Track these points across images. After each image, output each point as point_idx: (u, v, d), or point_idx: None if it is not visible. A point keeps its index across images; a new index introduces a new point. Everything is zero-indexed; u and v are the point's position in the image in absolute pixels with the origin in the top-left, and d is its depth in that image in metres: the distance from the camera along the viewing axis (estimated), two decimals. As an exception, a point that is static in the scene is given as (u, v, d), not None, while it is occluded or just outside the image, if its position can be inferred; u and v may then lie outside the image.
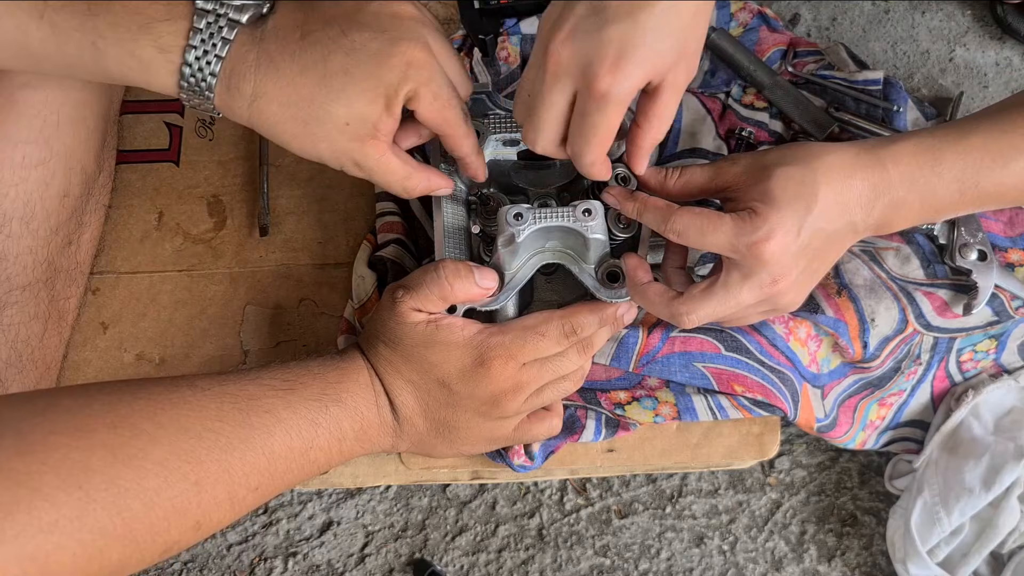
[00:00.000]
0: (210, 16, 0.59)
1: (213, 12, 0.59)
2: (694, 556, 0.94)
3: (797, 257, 0.60)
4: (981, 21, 0.95)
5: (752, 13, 0.87)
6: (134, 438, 0.54)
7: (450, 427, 0.67)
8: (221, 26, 0.59)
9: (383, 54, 0.59)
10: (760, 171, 0.62)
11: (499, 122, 0.72)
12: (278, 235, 0.85)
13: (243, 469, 0.58)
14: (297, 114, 0.60)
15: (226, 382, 0.60)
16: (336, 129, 0.60)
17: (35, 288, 0.75)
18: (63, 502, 0.50)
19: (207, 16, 0.59)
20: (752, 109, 0.83)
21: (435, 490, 0.97)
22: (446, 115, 0.62)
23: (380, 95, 0.59)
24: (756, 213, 0.59)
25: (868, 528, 0.94)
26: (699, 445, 0.80)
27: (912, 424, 0.86)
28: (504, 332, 0.66)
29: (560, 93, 0.58)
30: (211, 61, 0.59)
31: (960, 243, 0.77)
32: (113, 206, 0.85)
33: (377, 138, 0.61)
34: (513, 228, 0.65)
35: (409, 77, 0.59)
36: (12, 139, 0.72)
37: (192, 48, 0.59)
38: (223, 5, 0.59)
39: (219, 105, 0.61)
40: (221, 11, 0.59)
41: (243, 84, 0.60)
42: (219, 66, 0.59)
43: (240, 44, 0.59)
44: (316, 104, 0.59)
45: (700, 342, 0.74)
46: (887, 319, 0.77)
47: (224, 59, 0.59)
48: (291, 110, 0.60)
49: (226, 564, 0.96)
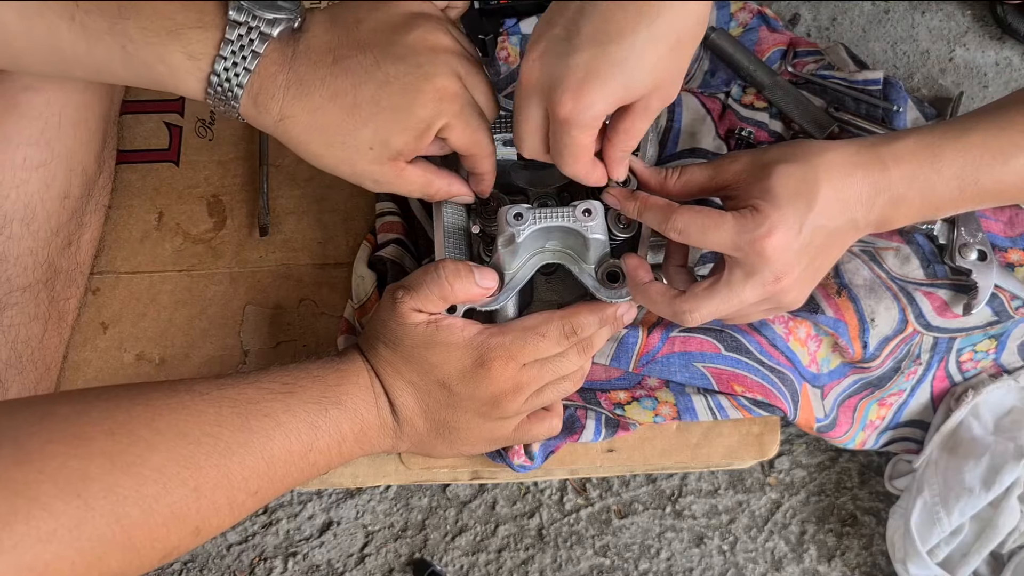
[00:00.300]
0: (242, 28, 0.59)
1: (245, 24, 0.59)
2: (694, 556, 0.94)
3: (799, 255, 0.60)
4: (981, 21, 0.95)
5: (752, 13, 0.87)
6: (132, 445, 0.53)
7: (450, 428, 0.67)
8: (252, 39, 0.59)
9: (416, 89, 0.60)
10: (760, 169, 0.62)
11: (499, 122, 0.72)
12: (278, 235, 0.85)
13: (242, 474, 0.58)
14: (323, 138, 0.61)
15: (224, 386, 0.60)
16: (359, 152, 0.61)
17: (35, 289, 0.75)
18: (61, 511, 0.49)
19: (239, 28, 0.59)
20: (752, 109, 0.83)
21: (435, 490, 0.97)
22: (475, 139, 0.64)
23: (410, 128, 0.60)
24: (757, 211, 0.59)
25: (868, 528, 0.94)
26: (699, 445, 0.80)
27: (912, 424, 0.86)
28: (504, 333, 0.66)
29: (533, 108, 0.59)
30: (239, 73, 0.59)
31: (960, 243, 0.77)
32: (113, 206, 0.85)
33: (398, 160, 0.62)
34: (513, 228, 0.65)
35: (442, 112, 0.60)
36: (13, 141, 0.72)
37: (222, 59, 0.59)
38: (255, 18, 0.59)
39: (244, 115, 0.61)
40: (253, 24, 0.59)
41: (271, 103, 0.60)
42: (247, 78, 0.59)
43: (270, 61, 0.59)
44: (343, 131, 0.60)
45: (700, 342, 0.74)
46: (887, 319, 0.77)
47: (253, 73, 0.59)
48: (317, 134, 0.60)
49: (226, 564, 0.96)
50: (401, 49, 0.60)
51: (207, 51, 0.59)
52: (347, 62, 0.60)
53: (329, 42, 0.60)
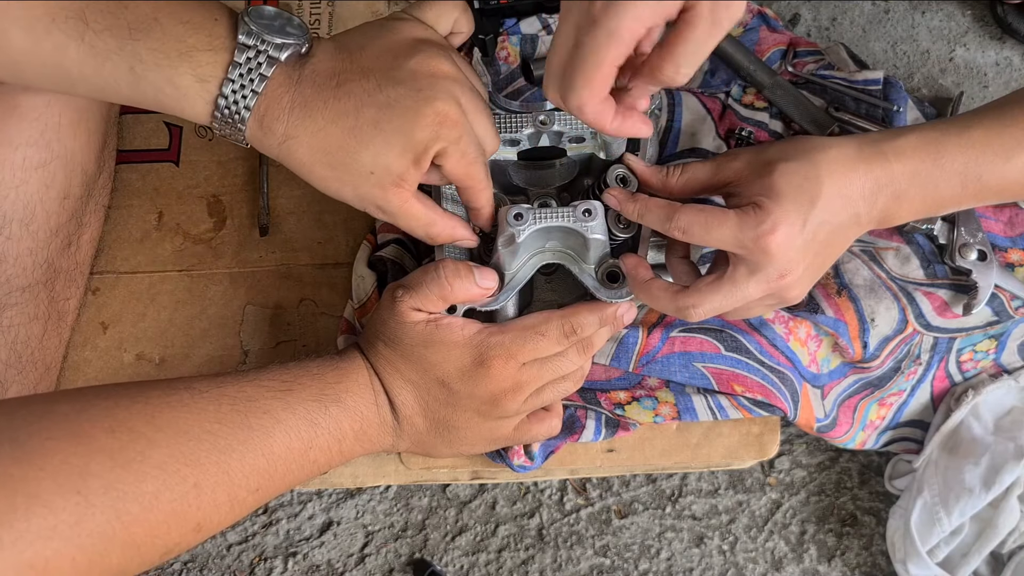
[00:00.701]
0: (251, 51, 0.59)
1: (254, 48, 0.59)
2: (694, 556, 0.94)
3: (803, 251, 0.60)
4: (981, 21, 0.95)
5: (752, 13, 0.87)
6: (132, 442, 0.53)
7: (450, 427, 0.67)
8: (260, 62, 0.59)
9: (415, 112, 0.60)
10: (763, 166, 0.62)
11: (499, 122, 0.72)
12: (278, 235, 0.85)
13: (243, 471, 0.58)
14: (325, 159, 0.61)
15: (224, 384, 0.60)
16: (361, 176, 0.61)
17: (35, 289, 0.75)
18: (61, 507, 0.49)
19: (248, 51, 0.59)
20: (752, 109, 0.83)
21: (435, 490, 0.97)
22: (470, 171, 0.63)
23: (409, 151, 0.60)
24: (760, 208, 0.59)
25: (868, 528, 0.94)
26: (699, 445, 0.80)
27: (912, 424, 0.86)
28: (504, 332, 0.66)
29: (568, 24, 0.55)
30: (247, 95, 0.60)
31: (960, 243, 0.77)
32: (113, 206, 0.85)
33: (401, 187, 0.62)
34: (513, 228, 0.65)
35: (440, 136, 0.60)
36: (13, 142, 0.72)
37: (230, 81, 0.59)
38: (264, 43, 0.59)
39: (250, 138, 0.62)
40: (262, 48, 0.59)
41: (276, 124, 0.60)
42: (254, 100, 0.60)
43: (277, 84, 0.60)
44: (345, 152, 0.60)
45: (700, 342, 0.74)
46: (887, 319, 0.77)
47: (260, 95, 0.60)
48: (320, 155, 0.61)
49: (226, 564, 0.96)
50: (402, 73, 0.61)
51: (216, 73, 0.60)
52: (350, 85, 0.60)
53: (334, 67, 0.61)
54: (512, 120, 0.70)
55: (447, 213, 0.66)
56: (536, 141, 0.71)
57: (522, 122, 0.70)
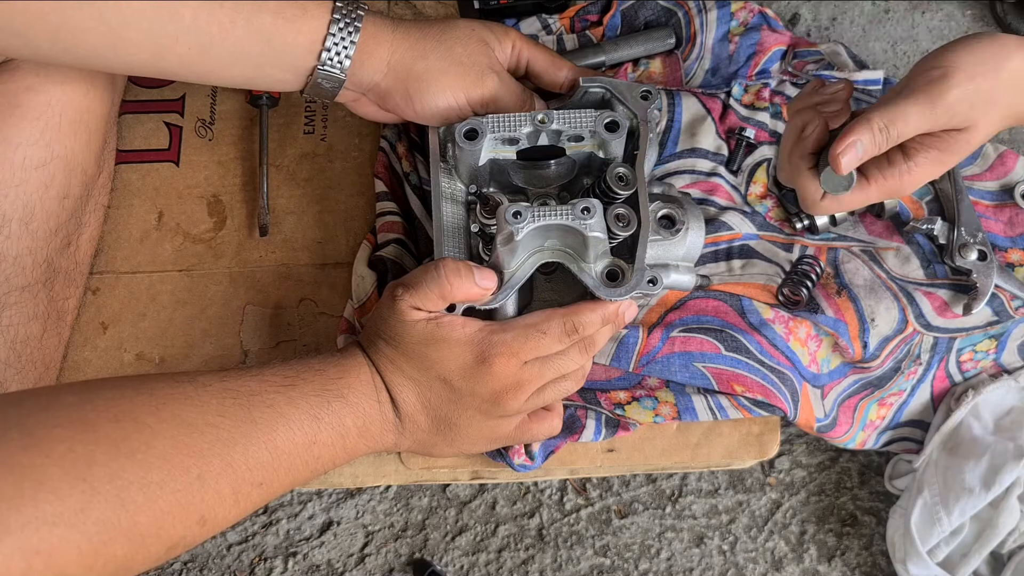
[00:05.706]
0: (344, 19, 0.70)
1: None
2: (694, 556, 0.94)
3: (988, 104, 0.63)
4: (981, 21, 0.95)
5: (752, 12, 0.87)
6: (137, 432, 0.54)
7: (451, 425, 0.67)
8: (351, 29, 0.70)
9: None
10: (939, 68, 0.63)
11: (499, 122, 0.72)
12: (278, 235, 0.85)
13: (246, 464, 0.58)
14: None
15: (227, 378, 0.60)
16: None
17: (34, 289, 0.75)
18: (67, 494, 0.50)
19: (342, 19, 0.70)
20: (752, 109, 0.83)
21: (435, 490, 0.97)
22: None
23: None
24: (946, 76, 0.62)
25: (868, 528, 0.94)
26: (699, 445, 0.80)
27: (912, 424, 0.86)
28: (506, 330, 0.66)
29: None
30: (347, 47, 0.69)
31: (960, 243, 0.77)
32: (113, 206, 0.85)
33: None
34: (512, 226, 0.65)
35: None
36: (13, 141, 0.72)
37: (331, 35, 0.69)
38: None
39: None
40: None
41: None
42: (353, 51, 0.70)
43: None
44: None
45: (700, 342, 0.74)
46: (887, 319, 0.77)
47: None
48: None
49: (226, 564, 0.96)
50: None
51: None
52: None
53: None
54: (511, 119, 0.70)
55: None
56: (535, 140, 0.71)
57: (521, 121, 0.70)
